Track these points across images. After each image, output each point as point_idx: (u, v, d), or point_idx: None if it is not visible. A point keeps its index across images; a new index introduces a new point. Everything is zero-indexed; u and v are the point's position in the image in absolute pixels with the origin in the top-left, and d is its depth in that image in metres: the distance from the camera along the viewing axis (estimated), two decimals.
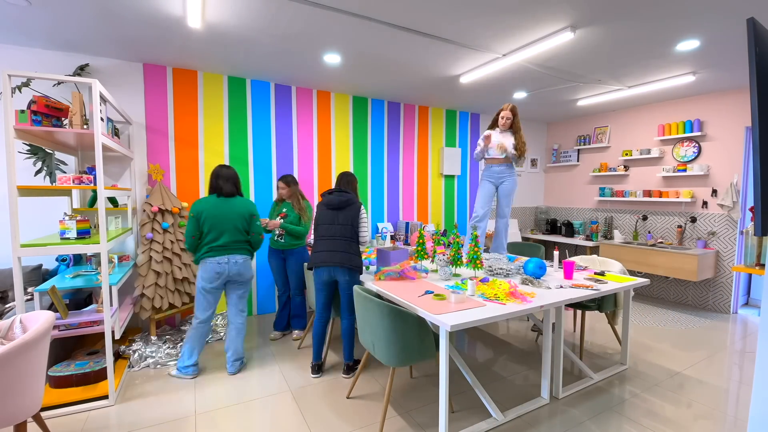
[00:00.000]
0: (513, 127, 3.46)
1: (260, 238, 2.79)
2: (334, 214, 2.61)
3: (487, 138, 3.38)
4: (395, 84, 4.02)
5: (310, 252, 3.06)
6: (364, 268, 2.89)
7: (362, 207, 2.66)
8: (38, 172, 2.85)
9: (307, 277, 3.04)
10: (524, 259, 3.24)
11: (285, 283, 3.39)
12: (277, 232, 3.24)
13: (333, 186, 2.99)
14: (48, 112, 2.23)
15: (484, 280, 2.52)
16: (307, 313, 3.41)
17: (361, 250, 2.69)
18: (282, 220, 3.16)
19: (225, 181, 2.65)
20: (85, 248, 2.22)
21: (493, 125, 3.52)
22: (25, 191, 2.17)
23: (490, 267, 2.88)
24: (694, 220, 4.40)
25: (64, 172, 3.06)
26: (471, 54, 3.16)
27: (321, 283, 2.63)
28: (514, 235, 5.71)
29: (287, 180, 3.27)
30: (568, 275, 2.67)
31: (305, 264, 3.20)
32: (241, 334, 2.77)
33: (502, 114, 3.43)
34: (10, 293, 2.73)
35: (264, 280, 4.05)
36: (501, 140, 3.43)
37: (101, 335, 2.88)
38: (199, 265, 2.62)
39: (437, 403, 2.36)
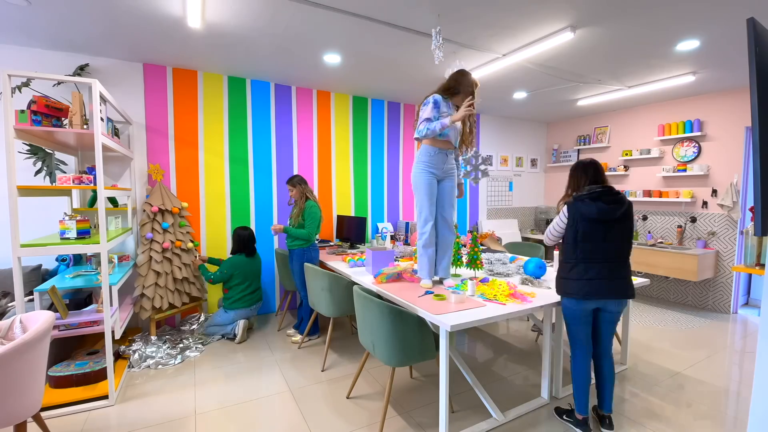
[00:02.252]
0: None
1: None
2: (608, 227, 1.95)
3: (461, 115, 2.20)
4: (395, 84, 4.01)
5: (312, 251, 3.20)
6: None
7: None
8: (38, 172, 2.85)
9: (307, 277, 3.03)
10: (524, 259, 3.24)
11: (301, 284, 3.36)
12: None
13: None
14: (48, 112, 2.23)
15: (484, 281, 2.52)
16: (310, 318, 3.38)
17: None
18: (283, 226, 3.19)
19: (248, 241, 3.44)
20: (85, 248, 2.22)
21: (449, 94, 2.37)
22: (25, 191, 2.17)
23: (491, 268, 2.88)
24: (694, 220, 4.40)
25: (64, 172, 3.06)
26: (471, 54, 3.16)
27: (585, 314, 2.02)
28: (514, 235, 5.71)
29: (292, 182, 3.27)
30: None
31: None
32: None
33: (472, 82, 2.35)
34: (10, 293, 2.73)
35: (264, 281, 4.05)
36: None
37: (101, 335, 2.88)
38: (232, 311, 3.34)
39: (437, 403, 2.36)
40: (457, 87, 2.35)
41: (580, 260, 1.98)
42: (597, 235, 1.96)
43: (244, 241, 3.40)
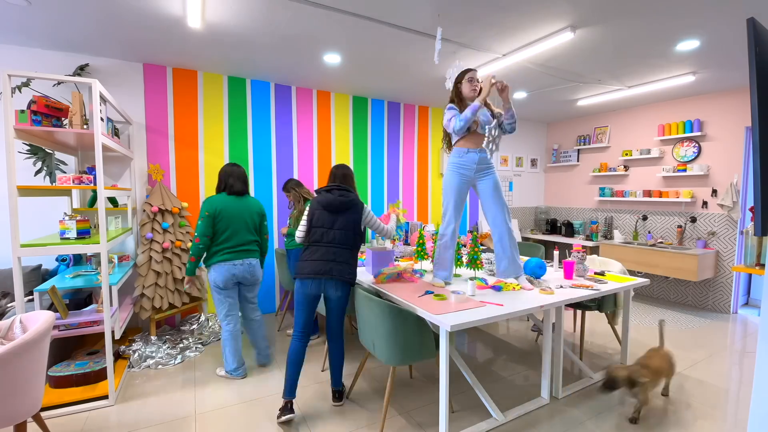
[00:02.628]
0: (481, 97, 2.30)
1: (267, 240, 2.82)
2: (333, 217, 2.24)
3: (487, 88, 2.25)
4: (395, 84, 4.02)
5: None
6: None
7: (365, 206, 2.32)
8: (38, 172, 2.85)
9: None
10: (525, 258, 3.24)
11: None
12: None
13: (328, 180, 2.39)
14: (48, 112, 2.23)
15: (495, 289, 2.35)
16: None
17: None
18: (287, 228, 3.23)
19: (236, 180, 2.63)
20: (85, 248, 2.22)
21: (459, 100, 2.41)
22: (25, 191, 2.17)
23: (491, 268, 2.88)
24: (694, 220, 4.40)
25: (64, 172, 3.06)
26: (471, 54, 3.16)
27: (306, 297, 2.22)
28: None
29: (286, 188, 3.31)
30: (568, 275, 2.67)
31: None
32: (262, 326, 2.85)
33: (470, 76, 2.36)
34: (10, 293, 2.73)
35: (264, 280, 4.05)
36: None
37: (101, 335, 2.88)
38: (211, 267, 2.53)
39: (437, 403, 2.36)
40: (459, 93, 2.39)
41: None
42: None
43: (229, 176, 2.62)
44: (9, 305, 2.54)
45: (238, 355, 2.64)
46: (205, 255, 2.57)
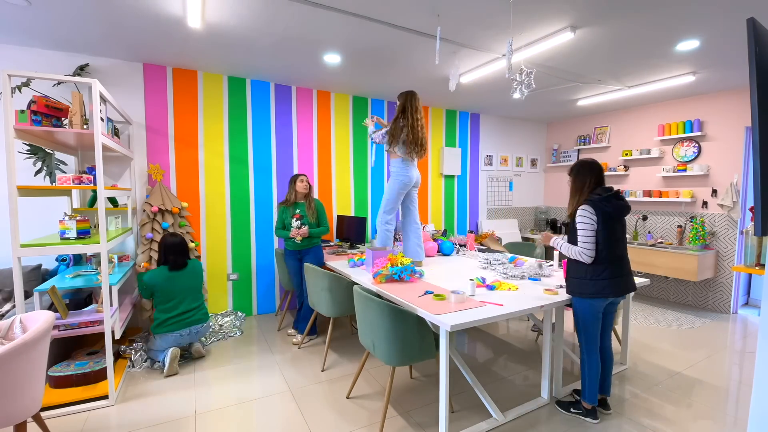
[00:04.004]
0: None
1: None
2: (621, 226, 2.12)
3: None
4: (395, 84, 4.01)
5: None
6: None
7: None
8: (38, 172, 2.85)
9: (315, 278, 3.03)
10: (525, 259, 3.24)
11: (301, 284, 3.32)
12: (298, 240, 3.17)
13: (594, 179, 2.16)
14: (48, 112, 2.23)
15: (489, 288, 2.40)
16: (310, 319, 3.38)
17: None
18: (307, 228, 3.17)
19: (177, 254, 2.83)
20: (85, 248, 2.22)
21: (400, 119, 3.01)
22: (25, 191, 2.17)
23: (489, 260, 2.89)
24: (694, 220, 4.40)
25: (64, 172, 3.06)
26: (471, 54, 3.16)
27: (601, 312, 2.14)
28: (514, 235, 5.71)
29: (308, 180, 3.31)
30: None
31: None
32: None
33: (419, 105, 3.03)
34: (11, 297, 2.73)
35: (264, 280, 4.05)
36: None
37: (101, 335, 2.88)
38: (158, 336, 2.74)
39: (437, 403, 2.36)
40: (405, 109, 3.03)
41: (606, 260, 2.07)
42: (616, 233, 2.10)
43: (166, 250, 2.80)
44: (9, 309, 2.54)
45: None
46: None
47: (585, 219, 2.06)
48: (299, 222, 3.18)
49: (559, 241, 2.25)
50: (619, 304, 2.17)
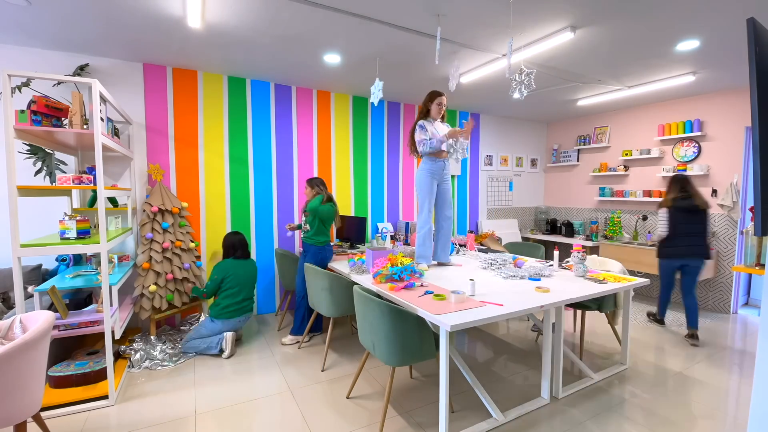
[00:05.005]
0: (443, 117, 3.11)
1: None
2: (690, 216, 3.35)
3: (454, 132, 2.89)
4: (395, 84, 4.01)
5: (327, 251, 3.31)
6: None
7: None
8: (38, 172, 2.85)
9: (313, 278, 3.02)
10: (526, 259, 3.24)
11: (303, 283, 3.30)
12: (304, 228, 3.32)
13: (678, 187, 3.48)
14: (48, 112, 2.23)
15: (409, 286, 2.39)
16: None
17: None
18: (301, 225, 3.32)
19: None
20: (85, 248, 2.22)
21: (427, 115, 3.04)
22: (25, 191, 2.17)
23: (492, 261, 2.89)
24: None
25: (64, 172, 3.06)
26: (471, 54, 3.16)
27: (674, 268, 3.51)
28: (514, 235, 5.71)
29: (310, 183, 3.32)
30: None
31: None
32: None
33: (441, 100, 2.99)
34: (11, 294, 2.73)
35: (264, 280, 4.05)
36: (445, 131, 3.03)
37: (101, 335, 2.88)
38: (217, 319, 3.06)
39: (437, 403, 2.36)
40: (428, 111, 3.03)
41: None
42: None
43: (234, 245, 3.23)
44: (11, 311, 2.54)
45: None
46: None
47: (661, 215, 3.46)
48: (304, 219, 3.32)
49: None
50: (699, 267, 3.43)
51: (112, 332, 2.37)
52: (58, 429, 2.10)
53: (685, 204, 3.32)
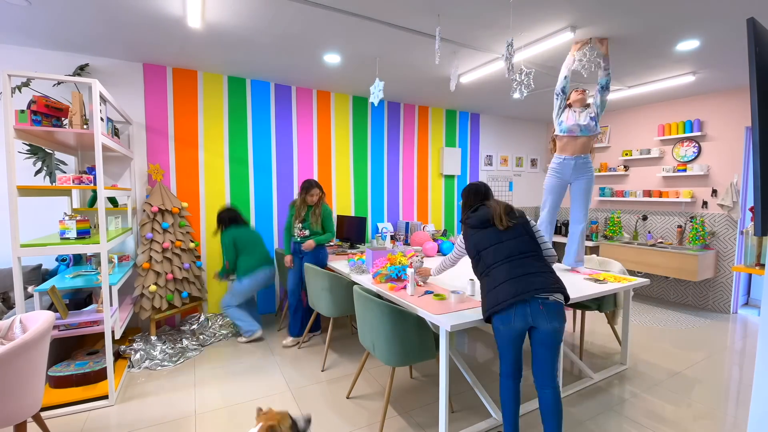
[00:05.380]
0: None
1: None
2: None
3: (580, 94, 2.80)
4: (395, 84, 4.01)
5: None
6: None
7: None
8: (38, 172, 2.85)
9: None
10: None
11: (296, 283, 3.32)
12: (298, 235, 3.23)
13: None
14: (48, 112, 2.23)
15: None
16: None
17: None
18: (313, 242, 3.16)
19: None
20: (85, 248, 2.22)
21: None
22: (25, 191, 2.17)
23: None
24: (694, 220, 4.40)
25: (64, 172, 3.06)
26: (471, 54, 3.16)
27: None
28: None
29: (316, 186, 3.21)
30: None
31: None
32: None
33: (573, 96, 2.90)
34: (11, 294, 2.73)
35: None
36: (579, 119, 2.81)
37: (101, 335, 2.88)
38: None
39: (437, 403, 2.36)
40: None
41: None
42: None
43: (233, 218, 3.34)
44: (11, 312, 2.54)
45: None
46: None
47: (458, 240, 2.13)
48: (300, 225, 3.21)
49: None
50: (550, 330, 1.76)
51: (112, 332, 2.37)
52: (58, 429, 2.10)
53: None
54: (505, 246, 1.82)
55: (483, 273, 1.86)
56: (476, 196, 2.04)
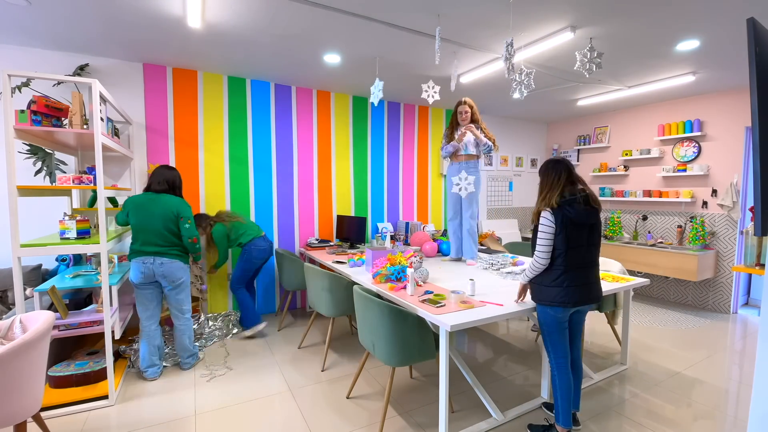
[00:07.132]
0: (473, 120, 3.23)
1: (192, 243, 2.62)
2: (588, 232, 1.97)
3: (461, 135, 3.17)
4: (395, 84, 4.01)
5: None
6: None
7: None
8: (38, 172, 2.85)
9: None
10: (522, 258, 3.24)
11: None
12: None
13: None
14: (48, 112, 2.23)
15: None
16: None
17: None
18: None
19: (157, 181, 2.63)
20: (85, 248, 2.22)
21: (454, 125, 3.29)
22: (25, 191, 2.17)
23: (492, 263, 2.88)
24: (694, 220, 4.40)
25: (64, 172, 3.06)
26: (471, 54, 3.16)
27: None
28: (514, 235, 5.71)
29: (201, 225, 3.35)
30: None
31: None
32: (184, 335, 2.75)
33: (460, 109, 3.21)
34: (9, 293, 2.73)
35: (264, 280, 4.05)
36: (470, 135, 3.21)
37: (101, 335, 2.88)
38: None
39: (437, 403, 2.36)
40: (455, 118, 3.29)
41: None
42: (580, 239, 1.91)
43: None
44: (11, 312, 2.54)
45: (151, 356, 2.62)
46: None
47: (544, 223, 1.90)
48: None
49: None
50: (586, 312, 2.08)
51: (112, 332, 2.37)
52: (58, 429, 2.10)
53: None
54: (586, 249, 1.93)
55: (558, 263, 1.89)
56: (569, 174, 1.93)
